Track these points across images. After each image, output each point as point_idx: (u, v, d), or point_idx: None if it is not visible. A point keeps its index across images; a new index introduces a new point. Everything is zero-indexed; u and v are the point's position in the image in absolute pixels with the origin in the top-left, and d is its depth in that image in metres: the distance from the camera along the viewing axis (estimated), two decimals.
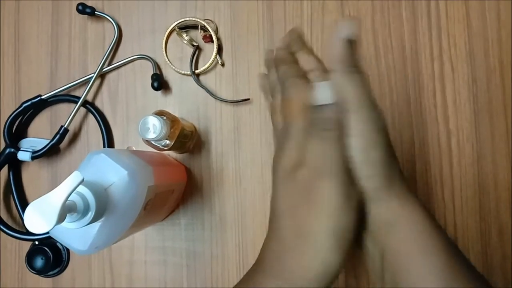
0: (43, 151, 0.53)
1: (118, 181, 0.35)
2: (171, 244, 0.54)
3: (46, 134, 0.56)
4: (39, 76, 0.57)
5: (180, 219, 0.54)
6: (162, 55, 0.55)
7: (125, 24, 0.56)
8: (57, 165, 0.56)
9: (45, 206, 0.28)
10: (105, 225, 0.35)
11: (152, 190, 0.39)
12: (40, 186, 0.56)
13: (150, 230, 0.54)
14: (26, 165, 0.56)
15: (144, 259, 0.54)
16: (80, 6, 0.54)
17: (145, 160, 0.41)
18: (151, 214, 0.44)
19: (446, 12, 0.55)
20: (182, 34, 0.54)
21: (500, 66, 0.54)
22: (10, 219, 0.56)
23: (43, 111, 0.57)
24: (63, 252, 0.54)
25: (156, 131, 0.42)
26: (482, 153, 0.53)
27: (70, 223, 0.32)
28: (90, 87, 0.54)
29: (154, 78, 0.53)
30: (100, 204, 0.33)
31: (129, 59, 0.55)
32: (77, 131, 0.56)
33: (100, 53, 0.56)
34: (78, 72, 0.56)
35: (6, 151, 0.53)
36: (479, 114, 0.54)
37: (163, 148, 0.46)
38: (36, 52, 0.57)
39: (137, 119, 0.55)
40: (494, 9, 0.54)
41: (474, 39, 0.54)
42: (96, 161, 0.36)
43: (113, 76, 0.56)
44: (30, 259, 0.53)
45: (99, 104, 0.56)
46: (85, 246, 0.35)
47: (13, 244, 0.55)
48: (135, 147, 0.55)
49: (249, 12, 0.55)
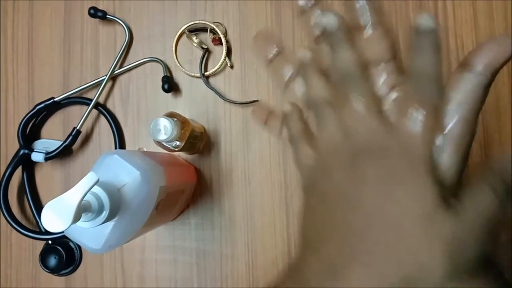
0: (56, 152, 0.54)
1: (131, 182, 0.36)
2: (182, 243, 0.54)
3: (59, 136, 0.57)
4: (52, 79, 0.58)
5: (190, 218, 0.55)
6: (172, 58, 0.56)
7: (136, 27, 0.57)
8: (70, 166, 0.57)
9: (61, 206, 0.29)
10: (118, 224, 0.35)
11: (163, 190, 0.40)
12: (53, 186, 0.57)
13: (161, 230, 0.55)
14: (39, 166, 0.57)
15: (155, 258, 0.55)
16: (92, 10, 0.55)
17: (157, 160, 0.42)
18: (163, 214, 0.45)
19: (454, 13, 0.55)
20: (191, 37, 0.55)
21: (506, 66, 0.54)
22: (24, 219, 0.57)
23: (56, 113, 0.58)
24: (75, 251, 0.56)
25: (167, 133, 0.43)
26: (490, 152, 0.53)
27: (85, 223, 0.33)
28: (102, 89, 0.55)
29: (164, 80, 0.54)
30: (113, 204, 0.34)
31: (140, 61, 0.56)
32: (89, 132, 0.57)
33: (112, 56, 0.57)
34: (90, 75, 0.57)
35: (20, 152, 0.54)
36: (486, 114, 0.54)
37: (173, 149, 0.47)
38: (49, 56, 0.58)
39: (147, 121, 0.56)
40: (501, 9, 0.55)
41: (482, 39, 0.54)
42: (109, 162, 0.37)
43: (124, 78, 0.57)
44: (43, 258, 0.54)
45: (111, 106, 0.57)
46: (99, 245, 0.35)
47: (27, 243, 0.56)
48: (146, 148, 0.56)
49: (258, 15, 0.56)
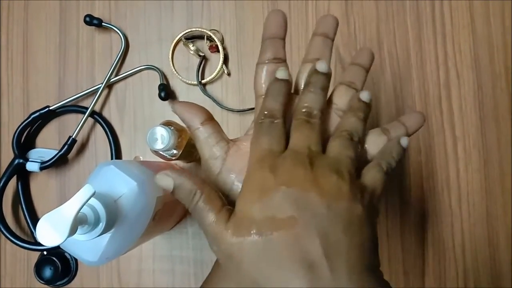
0: (51, 162, 0.53)
1: (128, 192, 0.35)
2: (179, 253, 0.54)
3: (54, 145, 0.56)
4: (47, 86, 0.57)
5: (187, 228, 0.54)
6: (169, 65, 0.55)
7: (132, 35, 0.57)
8: (65, 175, 0.56)
9: (57, 219, 0.28)
10: (115, 236, 0.35)
11: (160, 200, 0.39)
12: (49, 196, 0.56)
13: (158, 239, 0.54)
14: (34, 176, 0.56)
15: (152, 268, 0.54)
16: (87, 18, 0.55)
17: (154, 170, 0.41)
18: (160, 224, 0.44)
19: (451, 18, 0.55)
20: (188, 45, 0.55)
21: (505, 71, 0.54)
22: (18, 229, 0.56)
23: (51, 121, 0.57)
24: (71, 262, 0.55)
25: (164, 142, 0.43)
26: (489, 159, 0.53)
27: (81, 235, 0.32)
28: (97, 97, 0.54)
29: (161, 88, 0.53)
30: (110, 216, 0.33)
31: (136, 69, 0.56)
32: (85, 141, 0.56)
33: (108, 63, 0.56)
34: (86, 83, 0.57)
35: (15, 162, 0.54)
36: (485, 120, 0.54)
37: (170, 158, 0.47)
38: (44, 63, 0.58)
39: (144, 129, 0.55)
40: (498, 14, 0.55)
41: (479, 45, 0.54)
42: (106, 172, 0.36)
43: (120, 86, 0.57)
44: (38, 269, 0.53)
45: (107, 114, 0.56)
46: (96, 258, 0.35)
47: (22, 254, 0.55)
48: (142, 156, 0.55)
49: (255, 22, 0.56)
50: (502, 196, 0.53)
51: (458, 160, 0.53)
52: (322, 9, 0.56)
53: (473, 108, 0.54)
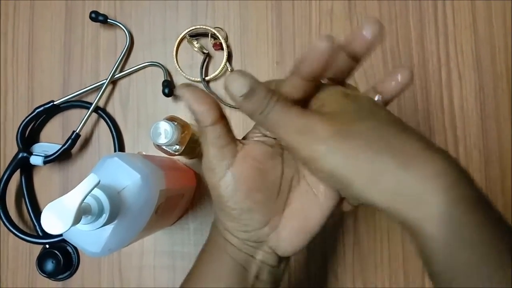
0: (55, 156, 0.53)
1: (131, 185, 0.36)
2: (180, 248, 0.54)
3: (58, 139, 0.57)
4: (52, 82, 0.58)
5: (189, 223, 0.54)
6: (173, 62, 0.56)
7: (136, 31, 0.57)
8: (69, 170, 0.57)
9: (62, 207, 0.29)
10: (118, 227, 0.35)
11: (163, 194, 0.40)
12: (52, 190, 0.57)
13: (159, 235, 0.54)
14: (38, 170, 0.57)
15: (153, 263, 0.54)
16: (93, 14, 0.56)
17: (157, 164, 0.42)
18: (162, 218, 0.44)
19: (453, 19, 0.55)
20: (192, 42, 0.55)
21: (506, 72, 0.54)
22: (21, 222, 0.57)
23: (56, 116, 0.58)
24: (73, 255, 0.55)
25: (168, 136, 0.43)
26: (489, 159, 0.53)
27: (85, 225, 0.33)
28: (102, 93, 0.55)
29: (165, 84, 0.54)
30: (113, 207, 0.33)
31: (141, 66, 0.56)
32: (89, 136, 0.57)
33: (112, 60, 0.57)
34: (90, 79, 0.57)
35: (19, 155, 0.54)
36: (486, 121, 0.54)
37: (173, 153, 0.47)
38: (49, 59, 0.58)
39: (147, 125, 0.56)
40: (500, 15, 0.55)
41: (481, 45, 0.55)
42: (110, 164, 0.36)
43: (124, 82, 0.57)
44: (40, 263, 0.54)
45: (111, 110, 0.57)
46: (98, 249, 0.35)
47: (24, 247, 0.56)
48: (145, 152, 0.56)
49: (258, 21, 0.56)
50: (502, 196, 0.53)
51: (459, 160, 0.54)
52: (325, 9, 0.56)
53: (475, 109, 0.54)
